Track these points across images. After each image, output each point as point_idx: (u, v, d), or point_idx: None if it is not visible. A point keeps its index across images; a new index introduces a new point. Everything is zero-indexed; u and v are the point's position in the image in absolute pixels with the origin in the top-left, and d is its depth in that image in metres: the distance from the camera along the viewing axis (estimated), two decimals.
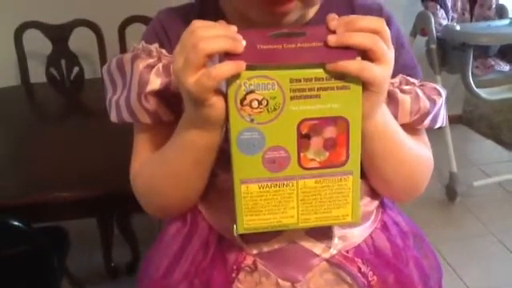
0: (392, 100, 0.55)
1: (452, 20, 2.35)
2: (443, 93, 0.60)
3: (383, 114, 0.51)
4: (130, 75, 0.56)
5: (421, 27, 2.30)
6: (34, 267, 1.08)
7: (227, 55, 0.42)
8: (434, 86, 0.60)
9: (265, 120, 0.44)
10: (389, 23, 0.55)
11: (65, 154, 1.30)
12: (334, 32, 0.44)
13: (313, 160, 0.46)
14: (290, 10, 0.51)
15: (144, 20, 2.05)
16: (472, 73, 2.08)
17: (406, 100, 0.55)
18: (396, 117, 0.55)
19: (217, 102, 0.44)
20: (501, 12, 2.34)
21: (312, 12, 0.58)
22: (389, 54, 0.45)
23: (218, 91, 0.44)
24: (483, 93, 2.11)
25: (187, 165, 0.53)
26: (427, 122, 0.58)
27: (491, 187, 2.26)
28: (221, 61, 0.43)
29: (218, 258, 0.60)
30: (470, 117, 3.04)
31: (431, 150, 0.63)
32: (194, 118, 0.48)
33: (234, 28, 0.44)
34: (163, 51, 0.57)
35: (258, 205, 0.48)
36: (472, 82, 2.07)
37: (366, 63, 0.44)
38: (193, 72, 0.43)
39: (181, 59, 0.44)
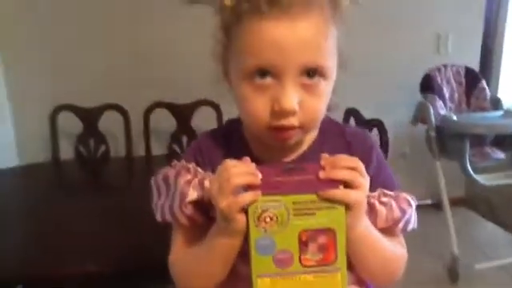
0: (372, 210, 0.71)
1: (450, 110, 2.53)
2: (413, 203, 0.75)
3: (364, 224, 0.66)
4: (174, 188, 0.73)
5: (420, 116, 2.49)
6: None
7: (248, 186, 0.60)
8: (407, 197, 0.75)
9: (275, 231, 0.60)
10: (372, 148, 0.76)
11: (85, 228, 1.39)
12: (324, 168, 0.61)
13: (310, 260, 0.61)
14: (292, 136, 0.68)
15: (166, 106, 2.28)
16: (469, 160, 2.21)
17: (382, 210, 0.71)
18: (375, 223, 0.70)
19: (240, 218, 0.60)
20: (495, 103, 2.52)
21: (310, 139, 0.75)
22: (363, 182, 0.62)
23: (242, 210, 0.60)
24: (481, 179, 2.22)
25: (214, 262, 0.68)
26: (400, 226, 0.74)
27: (493, 270, 2.30)
28: (244, 189, 0.60)
29: None
30: (472, 199, 3.14)
31: (405, 246, 0.78)
32: (223, 228, 0.63)
33: (254, 166, 0.61)
34: (198, 169, 0.74)
35: None
36: (470, 168, 2.19)
37: (347, 191, 0.60)
38: (224, 197, 0.60)
39: (215, 186, 0.61)
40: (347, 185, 0.60)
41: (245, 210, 0.60)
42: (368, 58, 2.74)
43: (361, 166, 0.62)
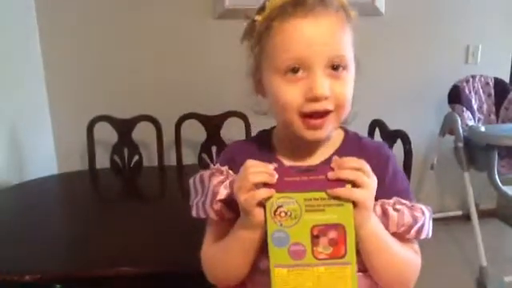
0: (385, 214, 0.75)
1: (478, 121, 2.53)
2: (427, 212, 0.79)
3: (373, 224, 0.71)
4: (208, 187, 0.81)
5: (448, 127, 2.49)
6: None
7: (265, 184, 0.66)
8: (421, 206, 0.79)
9: (289, 225, 0.66)
10: (388, 159, 0.81)
11: (120, 234, 1.45)
12: (333, 169, 0.66)
13: (322, 253, 0.66)
14: (324, 123, 0.74)
15: (197, 117, 2.36)
16: (498, 171, 2.21)
17: (393, 215, 0.75)
18: (387, 227, 0.75)
19: (258, 212, 0.67)
20: None
21: (331, 149, 0.81)
22: (368, 181, 0.66)
23: (260, 205, 0.67)
24: (510, 190, 2.22)
25: (237, 253, 0.75)
26: (413, 232, 0.77)
27: None
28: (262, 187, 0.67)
29: None
30: (504, 211, 3.09)
31: (420, 255, 0.81)
32: (244, 222, 0.71)
33: (271, 167, 0.68)
34: (230, 172, 0.81)
35: (286, 282, 0.68)
36: (498, 180, 2.18)
37: (352, 189, 0.65)
38: (244, 193, 0.67)
39: (238, 183, 0.69)
40: (354, 185, 0.66)
41: (263, 206, 0.67)
42: (396, 70, 2.77)
43: (366, 166, 0.68)
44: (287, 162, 0.81)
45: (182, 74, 2.57)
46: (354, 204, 0.66)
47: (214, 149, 2.38)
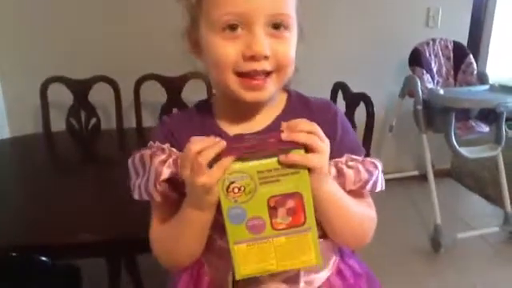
0: (340, 173, 0.74)
1: (437, 84, 2.57)
2: (379, 165, 0.79)
3: (328, 185, 0.69)
4: (149, 167, 0.76)
5: (408, 90, 2.52)
6: None
7: (216, 158, 0.62)
8: (372, 160, 0.79)
9: (244, 200, 0.63)
10: (336, 115, 0.79)
11: (78, 199, 1.41)
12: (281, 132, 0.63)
13: (281, 223, 0.65)
14: (264, 84, 0.70)
15: (156, 78, 2.29)
16: (454, 133, 2.26)
17: (349, 173, 0.75)
18: (344, 185, 0.74)
19: (215, 191, 0.63)
20: (482, 78, 2.56)
21: (275, 113, 0.78)
22: (322, 146, 0.63)
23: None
24: (465, 151, 2.28)
25: (188, 236, 0.72)
26: (368, 187, 0.77)
27: (475, 239, 2.40)
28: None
29: None
30: (458, 171, 3.22)
31: (374, 208, 0.82)
32: (196, 202, 0.67)
33: (218, 138, 0.63)
34: (173, 149, 0.76)
35: (248, 258, 0.66)
36: (454, 141, 2.24)
37: (306, 155, 0.62)
38: (201, 174, 0.62)
39: (187, 168, 0.63)
40: (307, 149, 0.62)
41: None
42: (357, 33, 2.77)
43: (318, 130, 0.64)
44: (230, 130, 0.77)
45: (139, 32, 2.47)
46: (309, 170, 0.63)
47: (174, 111, 2.32)
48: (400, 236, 2.42)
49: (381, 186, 0.79)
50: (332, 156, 0.69)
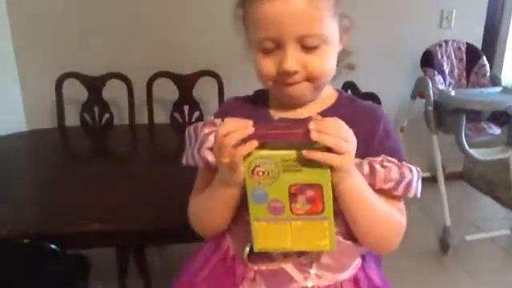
0: (372, 171, 0.76)
1: (449, 85, 2.56)
2: (415, 171, 0.79)
3: (352, 183, 0.70)
4: (199, 136, 0.86)
5: (419, 91, 2.52)
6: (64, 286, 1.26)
7: (244, 139, 0.67)
8: (410, 166, 0.79)
9: (267, 183, 0.68)
10: (380, 118, 0.82)
11: (91, 191, 1.44)
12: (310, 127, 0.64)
13: (300, 209, 0.69)
14: (296, 90, 0.78)
15: (169, 75, 2.33)
16: (465, 134, 2.25)
17: (380, 171, 0.76)
18: (373, 184, 0.75)
19: (242, 170, 0.69)
20: (495, 80, 2.54)
21: (322, 106, 0.83)
22: (346, 147, 0.65)
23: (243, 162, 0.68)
24: (476, 153, 2.26)
25: (217, 209, 0.81)
26: (400, 189, 0.77)
27: (484, 242, 2.39)
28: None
29: (230, 270, 0.86)
30: (469, 174, 3.19)
31: (405, 215, 0.83)
32: (225, 180, 0.74)
33: (250, 122, 0.68)
34: None
35: (266, 234, 0.72)
36: (465, 142, 2.23)
37: (328, 155, 0.64)
38: (226, 152, 0.68)
39: (216, 145, 0.71)
40: (330, 149, 0.65)
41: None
42: (371, 33, 2.76)
43: (344, 131, 0.67)
44: (278, 115, 0.84)
45: (153, 31, 2.51)
46: (331, 167, 0.66)
47: (186, 108, 2.36)
48: (409, 237, 2.40)
49: (415, 191, 0.79)
50: (368, 155, 0.76)
